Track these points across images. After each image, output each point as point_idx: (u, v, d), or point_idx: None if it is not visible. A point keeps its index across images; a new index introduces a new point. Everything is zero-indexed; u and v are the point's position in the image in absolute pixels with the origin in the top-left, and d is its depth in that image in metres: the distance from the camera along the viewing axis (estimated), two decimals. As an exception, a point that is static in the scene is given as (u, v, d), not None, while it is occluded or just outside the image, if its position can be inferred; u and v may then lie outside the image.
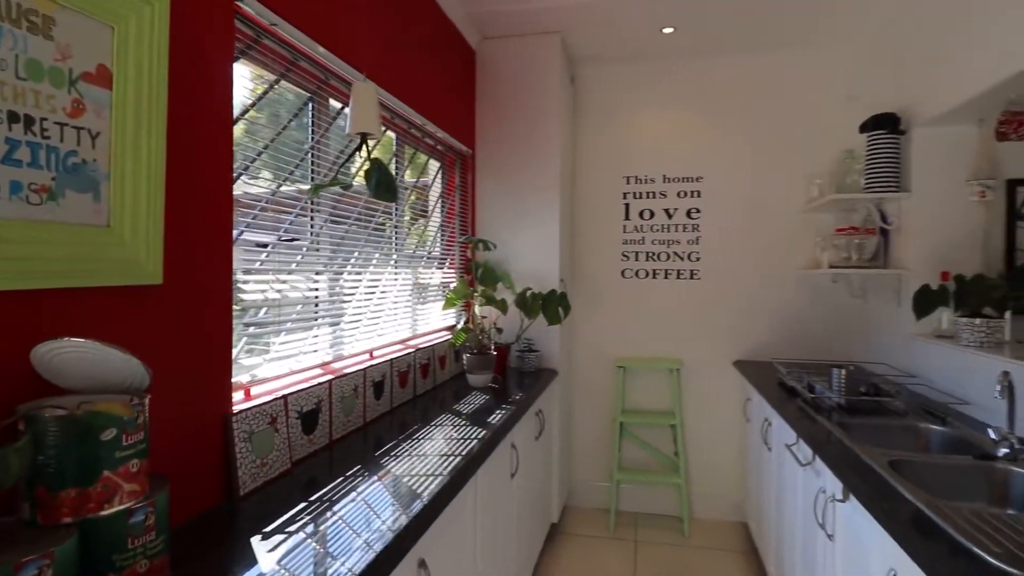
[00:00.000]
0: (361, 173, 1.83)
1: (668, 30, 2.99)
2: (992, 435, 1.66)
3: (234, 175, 1.37)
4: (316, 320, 1.86)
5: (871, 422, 2.05)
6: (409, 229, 2.63)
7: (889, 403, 2.21)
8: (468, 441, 1.78)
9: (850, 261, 2.90)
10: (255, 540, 1.12)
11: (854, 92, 1.68)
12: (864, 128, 2.75)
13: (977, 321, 2.12)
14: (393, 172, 2.07)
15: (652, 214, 3.47)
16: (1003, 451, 1.60)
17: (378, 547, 1.09)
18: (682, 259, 3.44)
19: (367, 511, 1.26)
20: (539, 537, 2.78)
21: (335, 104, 1.97)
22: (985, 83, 2.02)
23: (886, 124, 2.65)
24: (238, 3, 1.37)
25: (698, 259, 3.41)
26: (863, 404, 2.20)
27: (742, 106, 3.32)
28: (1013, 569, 1.02)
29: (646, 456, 3.47)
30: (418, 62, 2.44)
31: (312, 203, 1.80)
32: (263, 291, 1.58)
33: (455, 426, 1.96)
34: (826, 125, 3.16)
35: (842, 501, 1.64)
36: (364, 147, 1.56)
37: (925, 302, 2.29)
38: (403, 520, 1.21)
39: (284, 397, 1.52)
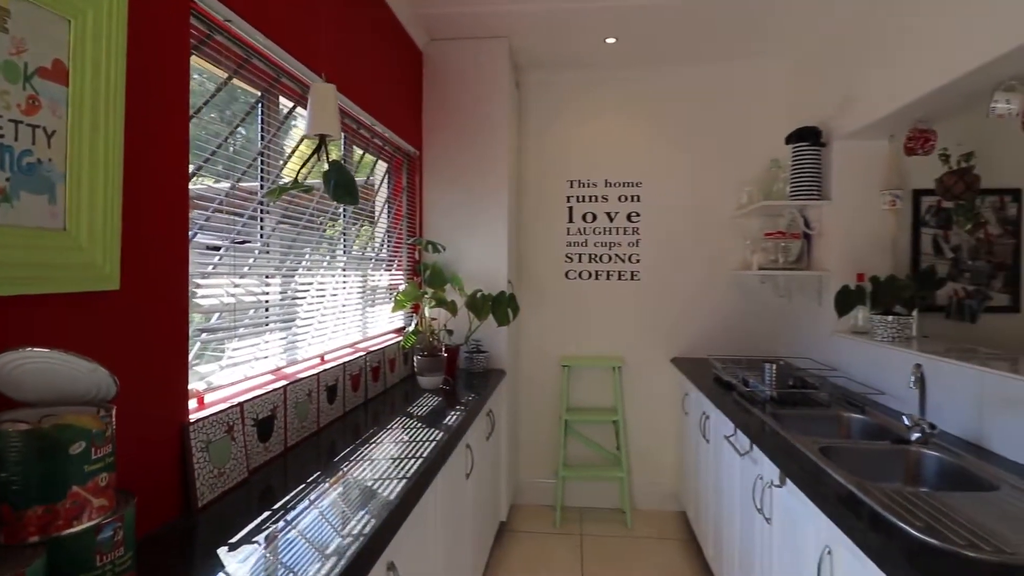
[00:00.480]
0: (312, 174, 1.80)
1: (611, 40, 3.10)
2: (906, 421, 1.84)
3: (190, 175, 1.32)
4: (267, 325, 1.81)
5: (800, 412, 2.22)
6: (359, 231, 2.59)
7: (814, 395, 2.40)
8: (426, 443, 1.79)
9: (777, 263, 3.11)
10: (222, 552, 1.09)
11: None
12: (789, 140, 2.96)
13: (890, 318, 2.34)
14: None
15: (594, 217, 3.58)
16: (916, 435, 1.78)
17: (352, 552, 1.09)
18: (623, 261, 3.57)
19: (333, 517, 1.26)
20: (489, 536, 2.81)
21: (285, 102, 1.93)
22: (895, 103, 2.23)
23: (809, 137, 2.87)
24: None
25: (638, 261, 3.55)
26: (792, 396, 2.38)
27: (679, 115, 3.49)
28: (931, 539, 1.15)
29: (589, 452, 3.58)
30: (368, 61, 2.41)
31: (263, 205, 1.75)
32: (217, 296, 1.53)
33: (412, 429, 1.96)
34: (756, 135, 3.37)
35: (779, 486, 1.78)
36: (323, 148, 1.54)
37: (845, 301, 2.50)
38: (373, 524, 1.21)
39: (240, 404, 1.48)
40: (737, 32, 3.00)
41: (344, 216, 2.39)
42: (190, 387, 1.36)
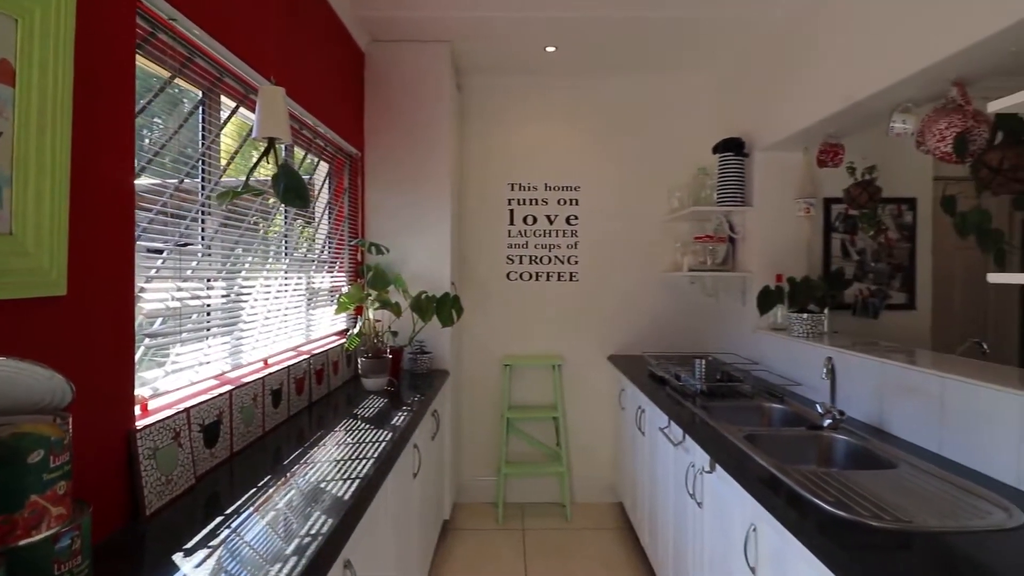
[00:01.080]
0: (259, 176, 1.78)
1: (551, 48, 3.20)
2: (819, 409, 2.03)
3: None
4: (210, 329, 1.78)
5: (727, 404, 2.39)
6: (301, 233, 2.56)
7: (739, 387, 2.58)
8: (375, 444, 1.81)
9: (705, 265, 3.31)
10: (178, 558, 1.09)
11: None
12: (716, 149, 3.16)
13: (804, 316, 2.56)
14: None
15: (535, 220, 3.68)
16: (827, 422, 1.97)
17: (312, 551, 1.11)
18: (562, 262, 3.68)
19: (287, 520, 1.27)
20: (434, 534, 2.85)
21: (227, 102, 1.89)
22: (807, 120, 2.45)
23: (733, 147, 3.07)
24: (137, -4, 1.29)
25: (576, 262, 3.68)
26: (719, 389, 2.56)
27: (615, 122, 3.64)
28: (841, 512, 1.29)
29: (531, 449, 3.67)
30: (310, 60, 2.39)
31: (204, 207, 1.72)
32: (161, 300, 1.49)
33: (359, 431, 1.97)
34: (686, 144, 3.58)
35: (709, 472, 1.92)
36: (272, 152, 1.53)
37: (766, 301, 2.71)
38: (331, 524, 1.24)
39: (187, 410, 1.46)
40: (668, 46, 3.18)
41: (285, 217, 2.36)
42: (135, 393, 1.33)
